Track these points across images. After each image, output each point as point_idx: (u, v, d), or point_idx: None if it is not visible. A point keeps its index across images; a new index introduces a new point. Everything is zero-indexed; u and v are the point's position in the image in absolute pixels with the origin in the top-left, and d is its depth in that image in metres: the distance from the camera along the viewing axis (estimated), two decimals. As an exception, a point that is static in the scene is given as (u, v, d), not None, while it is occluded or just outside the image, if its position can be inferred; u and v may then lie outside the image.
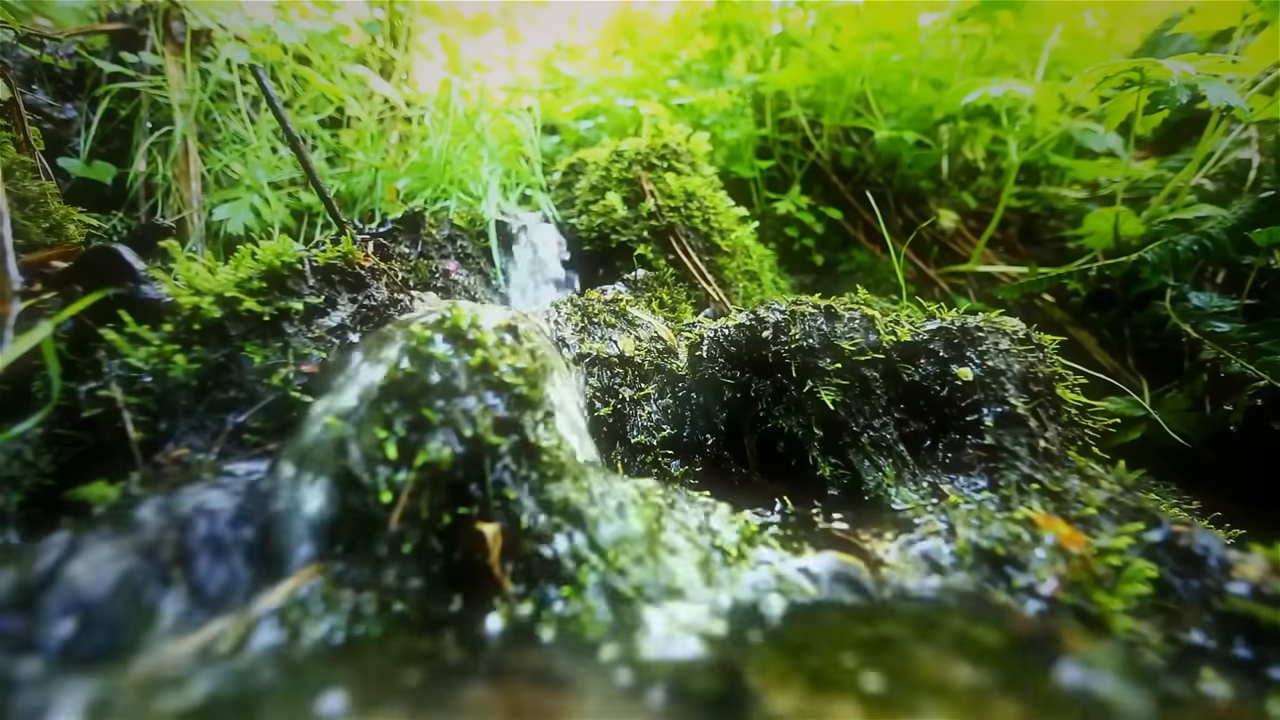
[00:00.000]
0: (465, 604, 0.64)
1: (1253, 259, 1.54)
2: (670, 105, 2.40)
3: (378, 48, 2.35)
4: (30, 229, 1.29)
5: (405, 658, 0.55)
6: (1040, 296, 2.05)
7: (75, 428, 0.85)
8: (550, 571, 0.66)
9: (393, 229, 1.58)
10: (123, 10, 1.90)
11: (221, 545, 0.64)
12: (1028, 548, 0.74)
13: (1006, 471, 0.90)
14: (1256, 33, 1.59)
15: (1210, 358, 1.43)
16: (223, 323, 0.89)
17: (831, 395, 1.00)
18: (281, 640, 0.57)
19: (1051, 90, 1.89)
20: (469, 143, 1.98)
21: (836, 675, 0.51)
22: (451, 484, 0.67)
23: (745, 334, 1.10)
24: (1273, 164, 1.84)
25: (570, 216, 1.88)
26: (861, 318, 1.05)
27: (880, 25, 2.26)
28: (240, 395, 0.87)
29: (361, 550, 0.64)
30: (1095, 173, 2.32)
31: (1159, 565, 0.71)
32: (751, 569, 0.72)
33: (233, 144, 1.85)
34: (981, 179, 2.43)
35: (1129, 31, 2.64)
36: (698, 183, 1.86)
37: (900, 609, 0.67)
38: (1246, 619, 0.65)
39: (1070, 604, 0.67)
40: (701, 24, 2.75)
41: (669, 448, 1.06)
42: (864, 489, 0.95)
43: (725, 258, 1.80)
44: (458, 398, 0.69)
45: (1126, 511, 0.80)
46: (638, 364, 1.12)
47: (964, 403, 0.98)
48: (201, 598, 0.61)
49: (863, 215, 2.39)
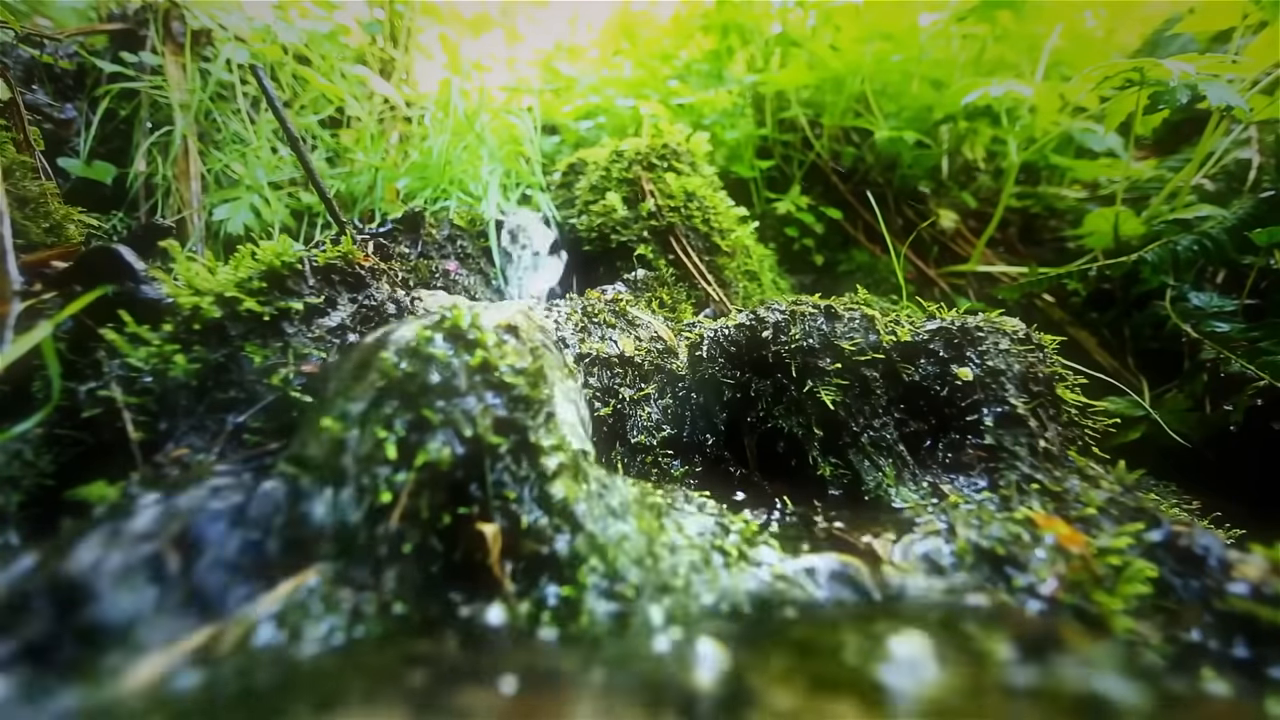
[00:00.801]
0: (465, 604, 0.64)
1: (1253, 259, 1.54)
2: (670, 105, 2.40)
3: (378, 48, 2.35)
4: (30, 229, 1.29)
5: (405, 658, 0.55)
6: (1040, 296, 2.05)
7: (75, 428, 0.84)
8: (550, 571, 0.66)
9: (393, 229, 1.58)
10: (123, 10, 1.90)
11: (221, 545, 0.64)
12: (1028, 548, 0.74)
13: (1006, 471, 0.90)
14: (1256, 33, 1.59)
15: (1210, 358, 1.43)
16: (223, 323, 0.89)
17: (831, 395, 1.00)
18: (281, 640, 0.57)
19: (1051, 90, 1.89)
20: (469, 143, 1.98)
21: (836, 675, 0.51)
22: (451, 484, 0.67)
23: (745, 334, 1.10)
24: (1273, 164, 1.84)
25: (570, 216, 1.88)
26: (861, 318, 1.05)
27: (880, 25, 2.26)
28: (240, 395, 0.87)
29: (361, 550, 0.64)
30: (1095, 173, 2.32)
31: (1159, 565, 0.71)
32: (751, 569, 0.72)
33: (233, 144, 1.85)
34: (981, 179, 2.43)
35: (1129, 31, 2.64)
36: (698, 183, 1.86)
37: (900, 609, 0.67)
38: (1246, 619, 0.65)
39: (1070, 604, 0.67)
40: (701, 24, 2.75)
41: (669, 448, 1.06)
42: (864, 489, 0.95)
43: (725, 258, 1.80)
44: (458, 398, 0.69)
45: (1126, 511, 0.80)
46: (638, 364, 1.12)
47: (964, 403, 0.98)
48: (201, 598, 0.61)
49: (863, 215, 2.39)
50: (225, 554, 0.64)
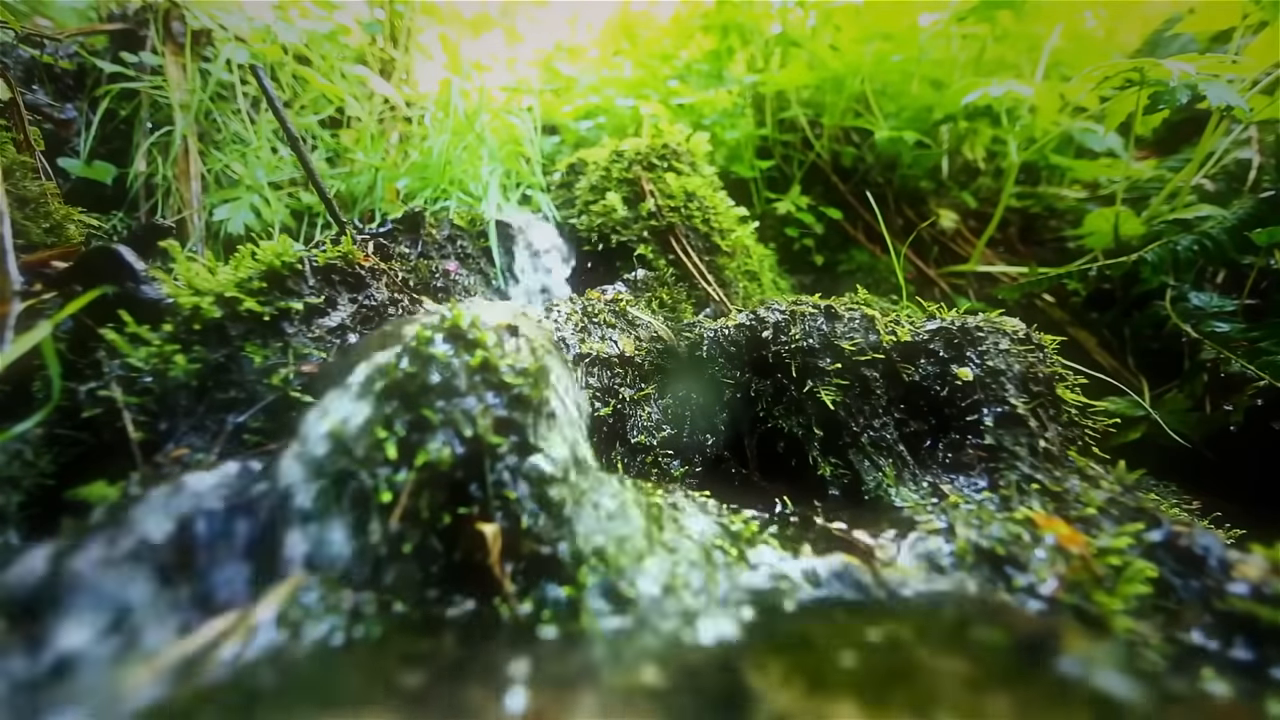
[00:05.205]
0: (465, 604, 0.64)
1: (1253, 259, 1.54)
2: (670, 105, 2.40)
3: (378, 48, 2.35)
4: (30, 229, 1.29)
5: (405, 658, 0.55)
6: (1040, 296, 2.05)
7: (75, 428, 0.85)
8: (550, 571, 0.66)
9: (393, 229, 1.57)
10: (123, 10, 1.90)
11: (221, 545, 0.64)
12: (1028, 548, 0.74)
13: (1006, 471, 0.90)
14: (1256, 33, 1.59)
15: (1210, 358, 1.43)
16: (223, 323, 0.89)
17: (831, 395, 1.00)
18: (282, 640, 0.57)
19: (1051, 90, 1.89)
20: (469, 143, 1.97)
21: (836, 675, 0.51)
22: (451, 484, 0.67)
23: (745, 334, 1.10)
24: (1273, 164, 1.84)
25: (570, 216, 1.88)
26: (861, 318, 1.05)
27: (880, 25, 2.26)
28: (240, 395, 0.87)
29: (361, 550, 0.64)
30: (1095, 173, 2.32)
31: (1159, 565, 0.71)
32: (751, 569, 0.72)
33: (233, 144, 1.84)
34: (981, 179, 2.43)
35: (1129, 31, 2.64)
36: (698, 183, 1.86)
37: (900, 609, 0.67)
38: (1246, 619, 0.65)
39: (1070, 604, 0.67)
40: (701, 24, 2.75)
41: (669, 448, 1.06)
42: (864, 489, 0.95)
43: (725, 258, 1.80)
44: (458, 398, 0.69)
45: (1126, 511, 0.80)
46: (638, 364, 1.12)
47: (964, 403, 0.97)
48: (201, 598, 0.61)
49: (863, 215, 2.39)
50: (225, 554, 0.64)
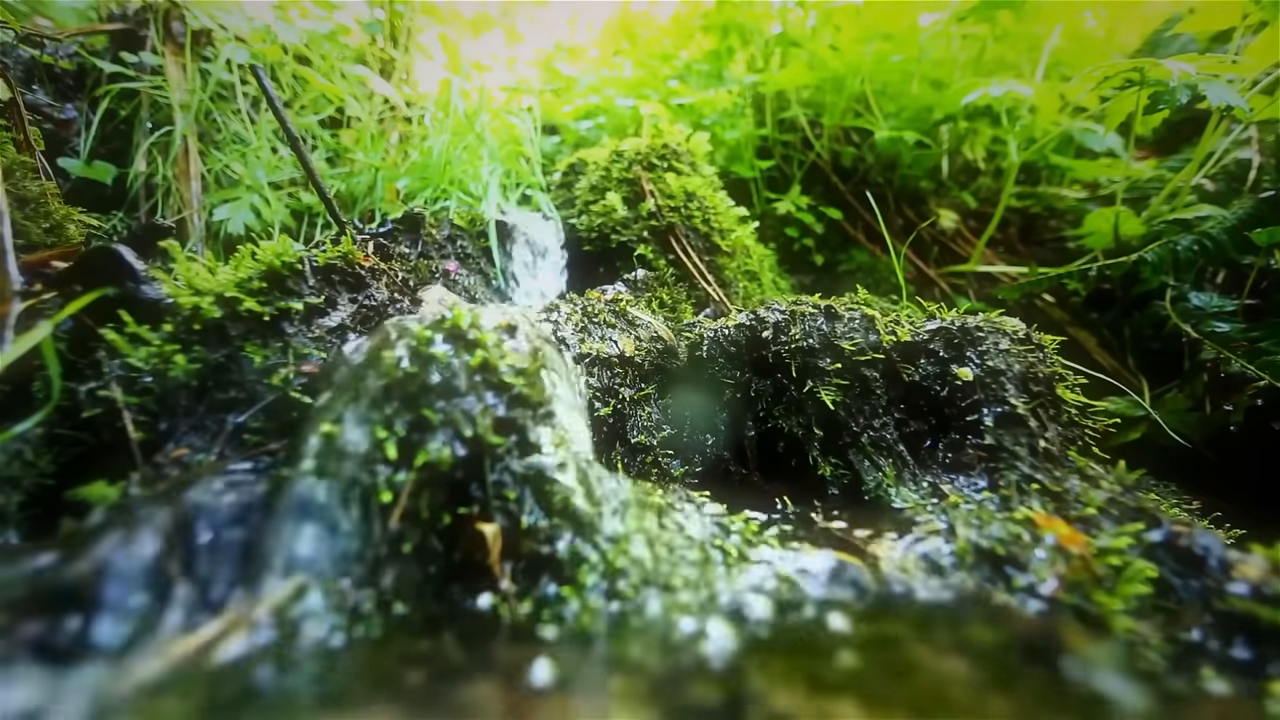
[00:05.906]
0: (465, 604, 0.64)
1: (1253, 259, 1.54)
2: (670, 105, 2.40)
3: (378, 48, 2.35)
4: (30, 229, 1.29)
5: (405, 658, 0.55)
6: (1040, 296, 2.05)
7: (75, 428, 0.85)
8: (550, 571, 0.66)
9: (393, 229, 1.57)
10: (123, 10, 1.90)
11: (222, 545, 0.64)
12: (1028, 548, 0.74)
13: (1006, 471, 0.90)
14: (1256, 33, 1.59)
15: (1210, 358, 1.43)
16: (223, 323, 0.89)
17: (831, 395, 1.00)
18: (282, 640, 0.57)
19: (1051, 90, 1.89)
20: (469, 143, 1.97)
21: (836, 675, 0.51)
22: (451, 484, 0.67)
23: (745, 334, 1.10)
24: (1273, 164, 1.84)
25: (570, 216, 1.88)
26: (861, 318, 1.05)
27: (880, 25, 2.26)
28: (240, 395, 0.87)
29: (361, 551, 0.64)
30: (1095, 173, 2.32)
31: (1159, 565, 0.71)
32: (752, 569, 0.72)
33: (233, 144, 1.84)
34: (981, 179, 2.43)
35: (1129, 31, 2.64)
36: (698, 183, 1.86)
37: (900, 609, 0.67)
38: (1246, 619, 0.65)
39: (1070, 604, 0.67)
40: (701, 24, 2.75)
41: (669, 448, 1.06)
42: (864, 489, 0.95)
43: (725, 258, 1.80)
44: (458, 398, 0.69)
45: (1126, 511, 0.80)
46: (638, 364, 1.12)
47: (964, 403, 0.97)
48: (201, 598, 0.61)
49: (863, 215, 2.39)
50: (224, 554, 0.64)
